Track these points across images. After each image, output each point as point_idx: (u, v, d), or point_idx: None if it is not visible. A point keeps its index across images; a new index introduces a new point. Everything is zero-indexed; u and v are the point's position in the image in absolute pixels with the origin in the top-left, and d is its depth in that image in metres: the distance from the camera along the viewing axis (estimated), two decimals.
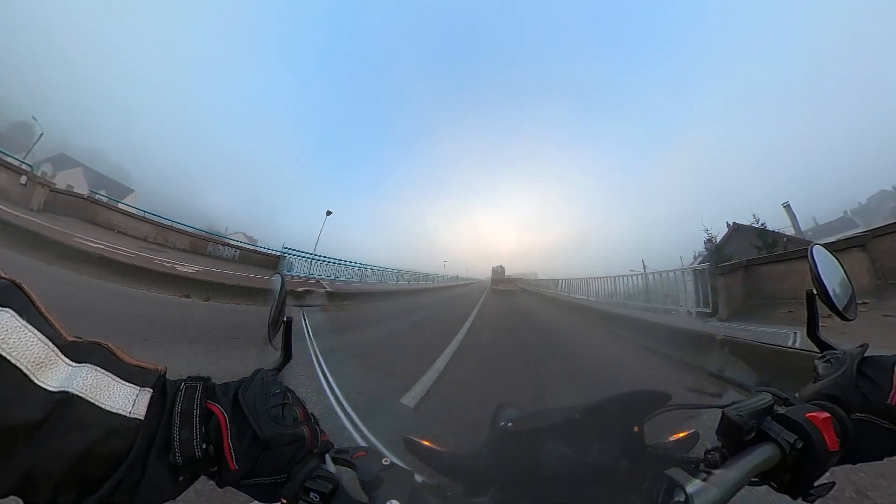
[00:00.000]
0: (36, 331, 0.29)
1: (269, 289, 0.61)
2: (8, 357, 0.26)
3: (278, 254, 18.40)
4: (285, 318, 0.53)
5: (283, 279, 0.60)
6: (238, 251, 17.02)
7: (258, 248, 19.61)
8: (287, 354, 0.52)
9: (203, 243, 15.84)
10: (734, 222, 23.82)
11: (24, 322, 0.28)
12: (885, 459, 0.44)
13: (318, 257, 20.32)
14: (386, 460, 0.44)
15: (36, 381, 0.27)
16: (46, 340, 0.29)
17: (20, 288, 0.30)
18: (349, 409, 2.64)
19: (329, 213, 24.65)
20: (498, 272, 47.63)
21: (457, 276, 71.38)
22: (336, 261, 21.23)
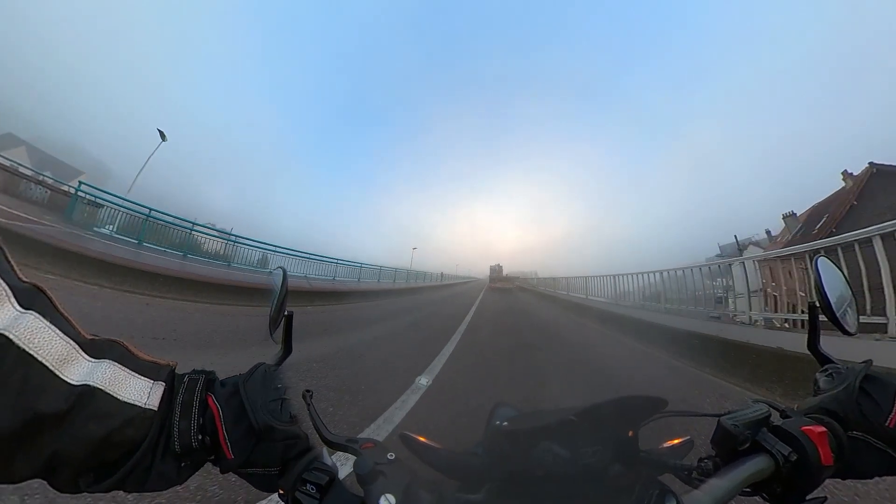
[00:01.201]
0: (58, 330, 0.32)
1: (270, 283, 0.61)
2: (34, 355, 0.29)
3: (67, 189, 12.01)
4: (286, 313, 0.54)
5: (284, 273, 0.61)
6: (49, 192, 14.11)
7: (48, 179, 14.73)
8: (287, 348, 0.53)
9: (17, 181, 13.96)
10: (870, 163, 16.89)
11: (48, 323, 0.31)
12: (875, 479, 0.44)
13: (127, 205, 11.50)
14: (391, 455, 0.44)
15: (60, 375, 0.30)
16: (68, 339, 0.32)
17: (42, 291, 0.33)
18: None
19: (163, 135, 15.37)
20: (496, 270, 48.86)
21: (441, 274, 50.56)
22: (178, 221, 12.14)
